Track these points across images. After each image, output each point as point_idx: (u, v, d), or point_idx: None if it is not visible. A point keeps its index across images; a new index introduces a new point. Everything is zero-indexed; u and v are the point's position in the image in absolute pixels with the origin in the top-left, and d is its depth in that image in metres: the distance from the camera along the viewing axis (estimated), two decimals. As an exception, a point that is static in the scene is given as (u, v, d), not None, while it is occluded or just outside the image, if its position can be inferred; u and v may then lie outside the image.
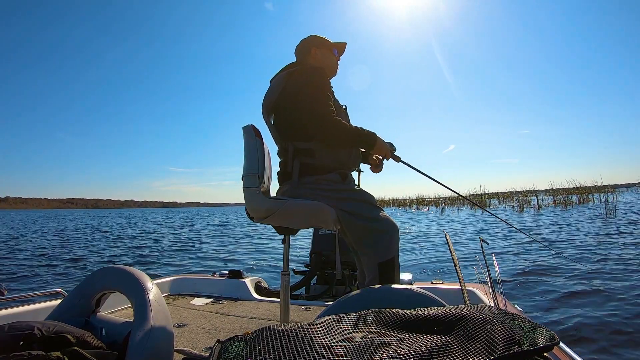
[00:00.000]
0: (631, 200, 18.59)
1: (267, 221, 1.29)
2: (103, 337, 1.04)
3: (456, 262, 1.28)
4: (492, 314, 0.61)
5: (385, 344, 0.55)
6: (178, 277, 2.50)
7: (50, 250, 8.31)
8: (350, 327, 0.64)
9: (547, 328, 0.58)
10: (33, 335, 0.86)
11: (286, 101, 1.41)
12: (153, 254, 7.58)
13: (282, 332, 0.59)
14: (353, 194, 1.40)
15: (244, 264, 5.98)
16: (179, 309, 2.04)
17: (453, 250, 1.37)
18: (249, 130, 1.36)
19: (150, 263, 6.46)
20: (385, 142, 1.44)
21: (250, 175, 1.30)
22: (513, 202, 20.65)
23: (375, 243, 1.32)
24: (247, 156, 1.33)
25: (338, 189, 1.38)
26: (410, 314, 0.66)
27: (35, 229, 17.63)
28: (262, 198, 1.28)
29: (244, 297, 2.28)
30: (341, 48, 1.61)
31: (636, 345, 2.11)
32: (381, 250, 1.31)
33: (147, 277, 1.12)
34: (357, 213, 1.35)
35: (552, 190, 20.99)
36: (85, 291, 1.14)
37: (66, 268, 5.90)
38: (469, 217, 14.83)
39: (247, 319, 1.88)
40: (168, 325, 0.99)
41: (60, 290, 1.55)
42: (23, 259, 6.90)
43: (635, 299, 2.85)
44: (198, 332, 1.67)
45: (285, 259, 1.38)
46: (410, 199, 31.65)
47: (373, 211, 1.37)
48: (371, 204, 1.40)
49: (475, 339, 0.55)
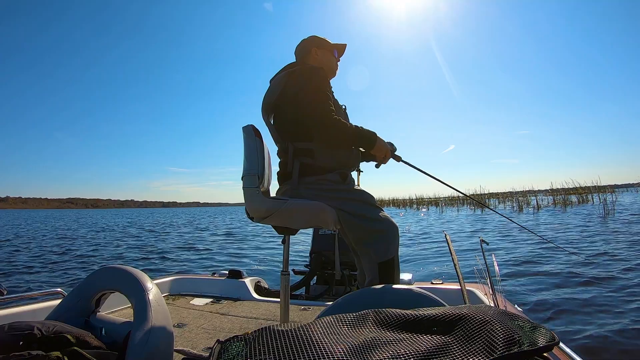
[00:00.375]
0: (630, 201, 18.65)
1: (267, 221, 1.29)
2: (103, 337, 1.04)
3: (456, 262, 1.28)
4: (492, 314, 0.61)
5: (385, 344, 0.55)
6: (178, 277, 2.50)
7: (61, 249, 8.30)
8: (350, 327, 0.64)
9: (547, 328, 0.58)
10: (33, 335, 0.86)
11: (286, 101, 1.41)
12: (171, 252, 7.60)
13: (282, 332, 0.59)
14: (353, 194, 1.40)
15: (247, 264, 5.99)
16: (178, 309, 2.04)
17: (453, 250, 1.37)
18: (248, 131, 1.36)
19: (169, 260, 6.48)
20: (385, 141, 1.44)
21: (250, 176, 1.30)
22: (513, 203, 20.79)
23: (375, 243, 1.32)
24: (247, 156, 1.33)
25: (338, 189, 1.38)
26: (410, 314, 0.66)
27: (39, 228, 17.62)
28: (262, 198, 1.27)
29: (243, 297, 2.28)
30: (341, 49, 1.61)
31: (634, 345, 2.11)
32: (381, 250, 1.31)
33: (147, 277, 1.12)
34: (357, 213, 1.35)
35: (552, 190, 21.11)
36: (85, 291, 1.14)
37: (74, 267, 5.91)
38: (468, 217, 14.85)
39: (247, 319, 1.88)
40: (168, 325, 0.99)
41: (60, 290, 1.55)
42: (26, 259, 6.90)
43: (635, 299, 2.85)
44: (198, 332, 1.67)
45: (285, 259, 1.38)
46: (410, 199, 31.69)
47: (373, 211, 1.37)
48: (371, 204, 1.40)
49: (475, 339, 0.55)
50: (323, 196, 1.34)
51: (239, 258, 6.66)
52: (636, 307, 2.68)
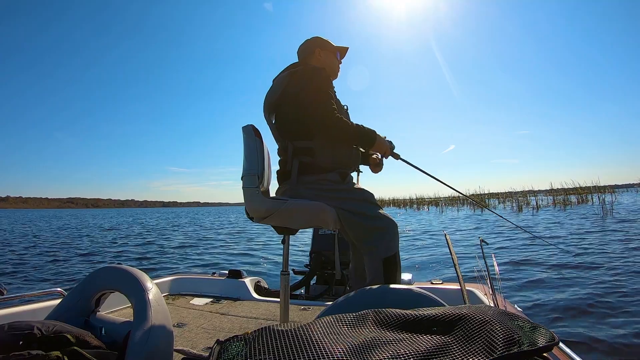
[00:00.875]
0: (629, 201, 18.70)
1: (266, 221, 1.29)
2: (102, 337, 1.04)
3: (456, 262, 1.28)
4: (491, 314, 0.61)
5: (385, 344, 0.55)
6: (178, 276, 2.50)
7: (70, 248, 8.29)
8: (349, 327, 0.64)
9: (547, 328, 0.58)
10: (32, 334, 0.86)
11: (287, 100, 1.42)
12: (194, 252, 7.57)
13: (282, 332, 0.59)
14: (353, 193, 1.40)
15: (252, 263, 5.99)
16: (178, 309, 2.04)
17: (453, 250, 1.37)
18: (248, 131, 1.36)
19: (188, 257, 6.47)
20: (385, 139, 1.45)
21: (250, 175, 1.30)
22: (512, 203, 20.98)
23: (376, 241, 1.33)
24: (247, 156, 1.33)
25: (338, 188, 1.38)
26: (410, 314, 0.66)
27: (44, 227, 17.56)
28: (262, 198, 1.27)
29: (243, 297, 2.28)
30: (343, 52, 1.62)
31: (634, 345, 2.11)
32: (383, 247, 1.32)
33: (147, 276, 1.12)
34: (357, 211, 1.35)
35: (552, 190, 21.26)
36: (85, 291, 1.14)
37: (74, 266, 5.92)
38: (468, 217, 14.86)
39: (247, 318, 1.88)
40: (168, 325, 0.99)
41: (59, 290, 1.55)
42: (31, 259, 6.90)
43: (635, 299, 2.85)
44: (198, 332, 1.67)
45: (285, 259, 1.38)
46: (411, 199, 31.75)
47: (373, 209, 1.38)
48: (371, 202, 1.40)
49: (474, 339, 0.54)
50: (323, 196, 1.35)
51: (252, 255, 6.67)
52: (636, 307, 2.68)
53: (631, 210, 12.00)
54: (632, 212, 11.36)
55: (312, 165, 1.38)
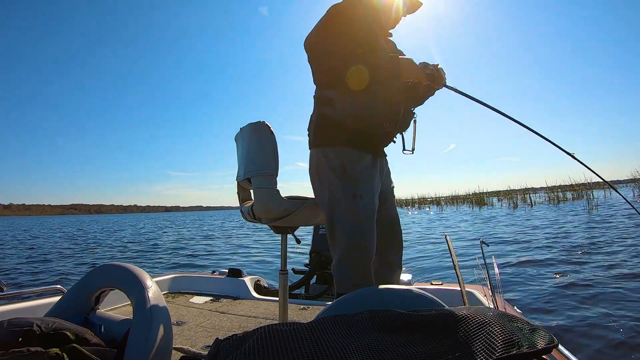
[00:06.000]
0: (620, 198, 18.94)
1: (281, 222, 1.24)
2: (102, 335, 1.04)
3: (456, 263, 1.28)
4: (491, 315, 0.61)
5: (384, 345, 0.55)
6: (177, 275, 2.51)
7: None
8: (349, 327, 0.64)
9: (546, 330, 0.57)
10: (32, 331, 0.86)
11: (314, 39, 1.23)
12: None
13: (281, 332, 0.59)
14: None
15: (252, 262, 5.97)
16: (178, 307, 2.04)
17: (453, 251, 1.36)
18: (263, 127, 1.27)
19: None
20: (415, 62, 1.21)
21: (263, 175, 1.23)
22: (509, 201, 21.96)
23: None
24: (260, 154, 1.26)
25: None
26: (409, 314, 0.66)
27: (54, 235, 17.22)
28: (280, 198, 1.21)
29: (243, 296, 2.28)
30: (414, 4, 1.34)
31: (633, 348, 2.10)
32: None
33: (147, 274, 1.12)
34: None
35: (549, 187, 22.24)
36: (85, 288, 1.14)
37: (75, 266, 5.92)
38: (468, 217, 14.86)
39: (246, 317, 1.88)
40: (167, 323, 0.99)
41: (59, 287, 1.55)
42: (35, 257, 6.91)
43: (635, 300, 2.85)
44: (197, 330, 1.67)
45: (284, 258, 1.38)
46: (412, 199, 31.83)
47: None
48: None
49: (473, 341, 0.54)
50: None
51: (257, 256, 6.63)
52: (636, 307, 2.68)
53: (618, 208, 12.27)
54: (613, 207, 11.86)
55: (330, 120, 1.21)
